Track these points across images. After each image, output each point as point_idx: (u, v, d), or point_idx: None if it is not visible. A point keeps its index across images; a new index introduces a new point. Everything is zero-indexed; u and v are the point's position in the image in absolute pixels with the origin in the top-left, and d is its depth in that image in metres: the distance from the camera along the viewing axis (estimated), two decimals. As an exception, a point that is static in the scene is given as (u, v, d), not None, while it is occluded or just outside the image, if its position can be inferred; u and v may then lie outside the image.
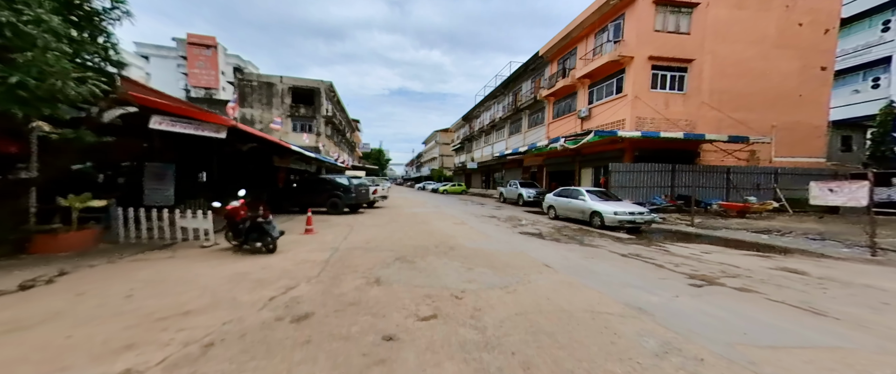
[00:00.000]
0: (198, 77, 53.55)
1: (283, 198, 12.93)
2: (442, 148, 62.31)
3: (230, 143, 11.42)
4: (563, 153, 18.92)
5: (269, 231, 5.52)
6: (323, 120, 32.09)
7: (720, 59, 14.21)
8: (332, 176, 13.05)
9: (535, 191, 18.12)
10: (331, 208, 12.49)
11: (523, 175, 26.22)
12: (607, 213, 8.77)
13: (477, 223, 10.34)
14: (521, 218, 12.11)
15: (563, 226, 9.88)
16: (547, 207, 11.87)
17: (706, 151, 14.54)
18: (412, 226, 9.55)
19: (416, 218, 11.61)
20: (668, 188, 13.29)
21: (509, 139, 29.13)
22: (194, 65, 52.46)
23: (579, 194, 10.15)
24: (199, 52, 53.82)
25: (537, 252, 6.03)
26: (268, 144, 10.77)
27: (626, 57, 14.06)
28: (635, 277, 4.52)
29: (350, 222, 10.44)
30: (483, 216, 12.53)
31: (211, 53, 54.38)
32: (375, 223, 10.09)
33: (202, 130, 6.39)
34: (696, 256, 5.88)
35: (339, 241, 7.03)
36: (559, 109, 20.78)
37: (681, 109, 14.21)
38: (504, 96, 30.77)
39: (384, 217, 11.83)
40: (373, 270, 4.71)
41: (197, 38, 54.04)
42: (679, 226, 9.56)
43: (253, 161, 15.38)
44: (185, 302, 3.33)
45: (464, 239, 7.38)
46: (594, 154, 16.43)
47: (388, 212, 13.86)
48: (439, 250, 6.20)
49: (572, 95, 19.11)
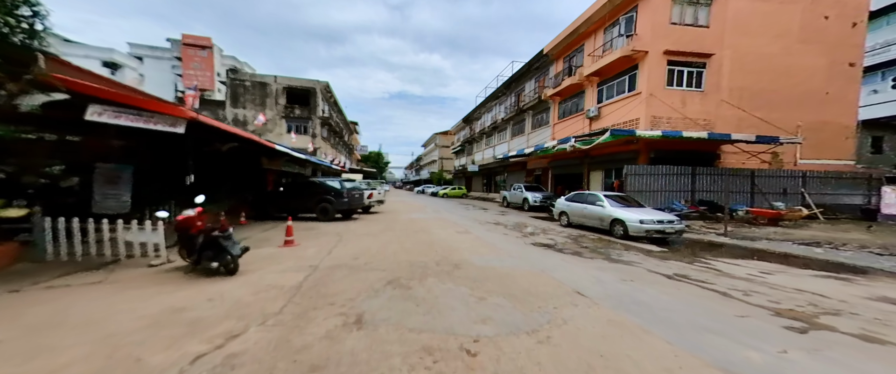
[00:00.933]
0: (193, 78, 52.46)
1: (268, 203, 11.80)
2: (441, 151, 61.35)
3: (207, 142, 10.33)
4: (570, 155, 17.89)
5: (228, 248, 4.40)
6: (319, 121, 31.05)
7: (741, 55, 13.26)
8: (322, 179, 11.96)
9: (542, 195, 17.05)
10: (320, 213, 11.37)
11: (527, 178, 25.17)
12: (632, 221, 7.68)
13: (482, 232, 9.24)
14: (529, 225, 11.02)
15: (580, 235, 8.78)
16: (558, 213, 10.78)
17: (726, 153, 13.52)
18: (410, 235, 8.44)
19: (414, 225, 10.50)
20: (688, 193, 12.24)
21: (512, 141, 28.14)
22: (189, 66, 51.50)
23: (597, 200, 9.07)
24: (194, 53, 52.93)
25: (561, 272, 4.92)
26: (249, 143, 9.67)
27: (639, 52, 13.09)
28: (703, 313, 3.42)
29: (340, 229, 9.33)
30: (488, 223, 11.43)
31: (206, 54, 53.47)
32: (368, 232, 8.97)
33: (154, 123, 5.29)
34: (759, 278, 4.79)
35: (322, 256, 5.91)
36: (565, 109, 19.79)
37: (698, 108, 13.21)
38: (506, 97, 29.83)
39: (379, 224, 10.71)
40: (355, 301, 3.59)
41: (192, 39, 53.18)
42: (709, 236, 8.47)
43: (238, 163, 14.27)
44: (58, 369, 2.21)
45: (469, 252, 6.27)
46: (605, 156, 15.39)
47: (383, 218, 12.74)
48: (441, 268, 5.09)
49: (579, 95, 18.12)
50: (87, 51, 50.55)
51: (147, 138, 9.75)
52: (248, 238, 7.68)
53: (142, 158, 9.22)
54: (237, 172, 14.30)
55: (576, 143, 12.93)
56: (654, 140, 12.14)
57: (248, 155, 14.36)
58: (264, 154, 15.41)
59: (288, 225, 7.04)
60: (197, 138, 10.39)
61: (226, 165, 13.04)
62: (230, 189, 12.75)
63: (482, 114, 36.97)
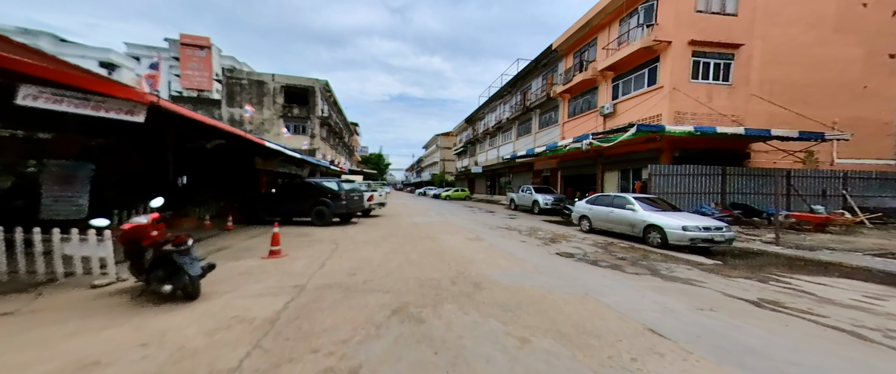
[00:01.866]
0: (190, 79, 51.71)
1: (259, 206, 10.79)
2: (443, 152, 60.41)
3: (190, 138, 9.34)
4: (581, 155, 16.87)
5: (184, 267, 3.38)
6: (318, 121, 30.13)
7: (772, 45, 12.27)
8: (318, 180, 10.96)
9: (553, 197, 16.01)
10: (316, 218, 10.35)
11: (534, 179, 24.15)
12: (672, 228, 6.64)
13: (496, 238, 8.21)
14: (544, 230, 9.98)
15: (607, 243, 7.74)
16: (578, 217, 9.74)
17: (757, 152, 12.50)
18: (415, 243, 7.41)
19: (419, 231, 9.47)
20: (718, 195, 11.21)
21: (517, 141, 27.15)
22: (187, 66, 50.68)
23: (626, 203, 8.04)
24: (192, 53, 52.12)
25: (612, 295, 3.89)
26: (236, 139, 8.68)
27: (661, 42, 12.11)
28: (853, 370, 2.38)
29: (337, 236, 8.30)
30: (499, 228, 10.39)
31: (205, 54, 52.66)
32: (368, 239, 7.94)
33: (105, 109, 4.30)
34: (872, 305, 3.74)
35: (313, 270, 4.89)
36: (576, 107, 18.80)
37: (726, 103, 12.20)
38: (511, 96, 28.88)
39: (380, 229, 9.69)
40: (349, 345, 2.57)
41: (190, 39, 52.38)
42: (754, 243, 7.44)
43: (229, 163, 13.28)
44: None
45: (488, 266, 5.24)
46: (621, 156, 14.37)
47: (385, 222, 11.72)
48: (459, 288, 4.07)
49: (592, 91, 17.14)
50: (84, 51, 49.85)
51: (124, 135, 8.78)
52: (227, 248, 6.67)
53: (113, 157, 8.23)
54: (228, 173, 13.31)
55: (594, 140, 11.91)
56: (678, 138, 11.14)
57: (240, 155, 13.38)
58: (258, 153, 14.46)
59: (274, 232, 6.02)
60: (179, 134, 9.42)
61: (214, 165, 12.05)
62: (217, 191, 11.74)
63: (486, 114, 36.03)
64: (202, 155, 11.00)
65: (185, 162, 10.25)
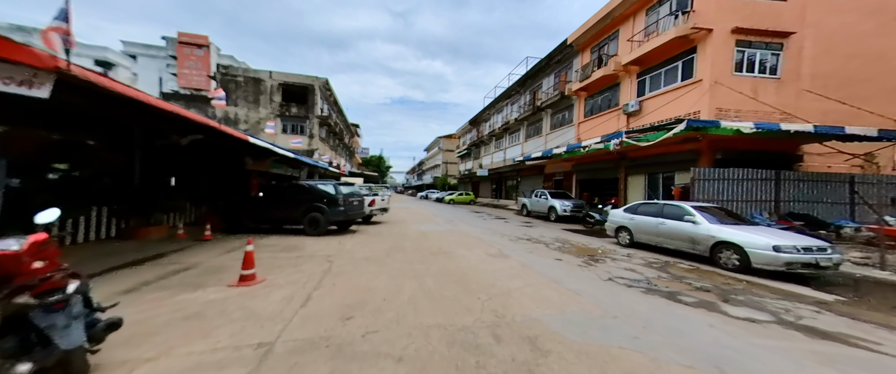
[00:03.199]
0: (188, 78, 50.51)
1: (243, 212, 9.37)
2: (446, 155, 59.11)
3: (162, 134, 7.96)
4: (601, 157, 15.48)
5: (52, 333, 1.95)
6: (317, 121, 28.82)
7: (826, 35, 10.93)
8: (313, 182, 9.55)
9: (572, 203, 14.58)
10: (309, 226, 8.94)
11: (545, 183, 22.74)
12: (757, 248, 5.21)
13: (523, 254, 6.78)
14: (573, 243, 8.55)
15: (662, 262, 6.31)
16: (615, 228, 8.32)
17: (810, 154, 11.09)
18: (427, 260, 5.99)
19: (428, 243, 8.05)
20: (771, 203, 9.78)
21: (526, 143, 25.80)
22: (184, 65, 49.49)
23: (683, 213, 6.61)
24: (190, 52, 50.97)
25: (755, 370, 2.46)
26: (215, 133, 7.29)
27: (700, 30, 10.77)
28: None
29: (332, 249, 6.88)
30: (520, 240, 8.97)
31: (203, 53, 51.46)
32: (370, 254, 6.51)
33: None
34: None
35: (291, 311, 3.47)
36: (593, 106, 17.44)
37: (773, 99, 10.82)
38: (520, 95, 27.58)
39: (383, 241, 8.26)
40: None
41: (188, 37, 51.28)
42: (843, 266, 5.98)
43: (215, 163, 11.90)
44: None
45: (535, 302, 3.83)
46: (650, 158, 12.96)
47: (388, 231, 10.30)
48: (508, 350, 2.66)
49: (613, 88, 15.79)
50: (80, 49, 48.75)
51: (86, 130, 7.40)
52: (191, 268, 5.24)
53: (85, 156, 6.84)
54: (214, 175, 11.91)
55: (628, 139, 10.51)
56: (721, 138, 9.75)
57: (228, 154, 12.01)
58: (249, 153, 13.09)
59: (246, 250, 4.59)
60: (147, 129, 8.03)
61: (197, 166, 10.65)
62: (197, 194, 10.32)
63: (491, 115, 34.73)
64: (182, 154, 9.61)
65: (163, 162, 8.86)
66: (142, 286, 4.26)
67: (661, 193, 12.83)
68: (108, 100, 4.61)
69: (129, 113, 5.97)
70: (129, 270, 5.17)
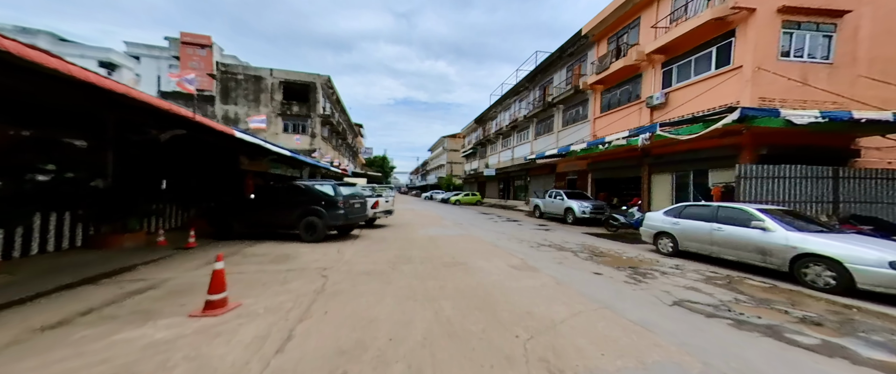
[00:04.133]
0: (191, 78, 50.10)
1: (233, 216, 8.45)
2: (450, 155, 58.11)
3: (136, 128, 7.05)
4: (622, 155, 14.35)
5: None
6: (319, 120, 28.01)
7: (885, 13, 9.72)
8: (310, 182, 8.59)
9: (591, 204, 13.46)
10: (306, 231, 7.99)
11: (557, 183, 21.61)
12: (867, 264, 4.06)
13: (552, 266, 5.73)
14: (605, 250, 7.48)
15: (724, 277, 5.22)
16: (654, 234, 7.22)
17: (868, 149, 9.86)
18: (442, 275, 4.98)
19: (439, 251, 7.03)
20: (829, 205, 8.59)
21: (536, 141, 24.69)
22: (187, 65, 49.24)
23: (749, 219, 5.50)
24: (192, 52, 50.76)
25: None
26: (197, 127, 6.36)
27: (742, 10, 9.63)
28: None
29: (329, 260, 5.90)
30: (542, 246, 7.91)
31: (206, 53, 51.13)
32: (372, 267, 5.51)
33: None
34: None
35: (264, 359, 2.47)
36: (611, 100, 16.31)
37: (825, 86, 9.63)
38: (529, 92, 26.48)
39: (388, 248, 7.26)
40: None
41: (191, 37, 51.15)
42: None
43: (207, 162, 11.02)
44: None
45: (599, 346, 2.81)
46: (678, 155, 11.82)
47: (393, 235, 9.31)
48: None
49: (634, 80, 14.64)
50: (83, 50, 48.86)
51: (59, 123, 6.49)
52: (155, 287, 4.28)
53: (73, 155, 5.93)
54: (206, 175, 11.03)
55: (664, 132, 9.40)
56: (767, 131, 8.56)
57: (219, 152, 11.13)
58: (244, 151, 12.20)
59: (215, 268, 3.61)
60: (121, 122, 7.09)
61: (180, 164, 9.74)
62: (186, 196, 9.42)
63: (498, 113, 33.65)
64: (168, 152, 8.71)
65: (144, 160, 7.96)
66: (77, 317, 3.31)
67: (691, 193, 11.67)
68: (65, 86, 3.69)
69: (95, 103, 5.06)
70: (82, 289, 4.24)
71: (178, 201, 9.25)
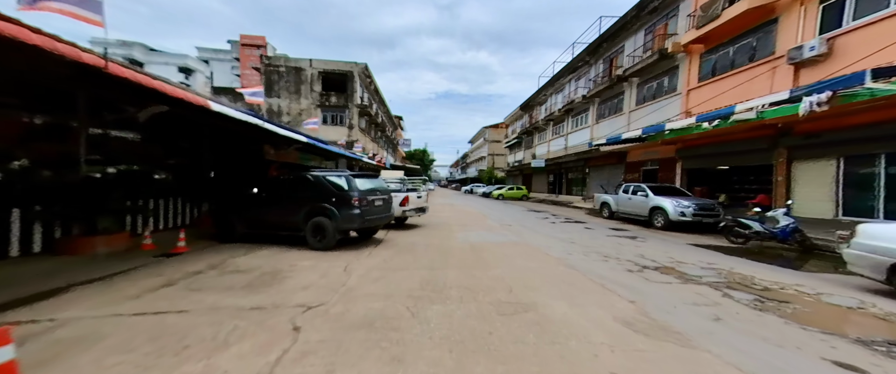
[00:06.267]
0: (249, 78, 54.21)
1: (235, 214, 7.02)
2: (491, 146, 54.83)
3: (111, 105, 5.77)
4: (740, 135, 10.36)
5: None
6: (356, 110, 27.19)
7: None
8: (321, 172, 6.78)
9: (695, 204, 9.80)
10: (313, 235, 6.23)
11: (628, 175, 17.66)
12: None
13: (707, 326, 3.02)
14: (766, 283, 4.41)
15: None
16: (890, 266, 3.92)
17: None
18: (499, 339, 2.61)
19: (487, 271, 4.66)
20: None
21: (597, 125, 20.73)
22: (246, 65, 53.11)
23: None
24: (250, 53, 54.53)
25: None
26: (182, 104, 4.79)
27: None
28: None
29: (323, 287, 3.90)
30: (647, 269, 5.07)
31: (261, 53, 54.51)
32: (380, 308, 3.35)
33: None
34: None
35: None
36: (718, 62, 12.11)
37: None
38: (588, 67, 22.35)
39: (414, 267, 5.09)
40: None
41: (248, 39, 54.99)
42: None
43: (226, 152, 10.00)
44: None
45: None
46: (845, 131, 7.74)
47: (424, 241, 7.17)
48: None
49: (762, 28, 10.42)
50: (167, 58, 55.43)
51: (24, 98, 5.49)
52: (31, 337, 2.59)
53: None
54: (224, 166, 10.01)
55: (884, 84, 5.72)
56: None
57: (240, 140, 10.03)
58: (268, 140, 11.07)
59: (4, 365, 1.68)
60: (94, 98, 5.85)
61: (183, 152, 8.62)
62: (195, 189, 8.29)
63: (548, 96, 29.68)
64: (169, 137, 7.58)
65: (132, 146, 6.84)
66: None
67: (881, 188, 7.54)
68: None
69: (51, 71, 3.62)
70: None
71: (190, 194, 8.19)
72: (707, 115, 9.43)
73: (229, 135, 9.11)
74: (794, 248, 7.25)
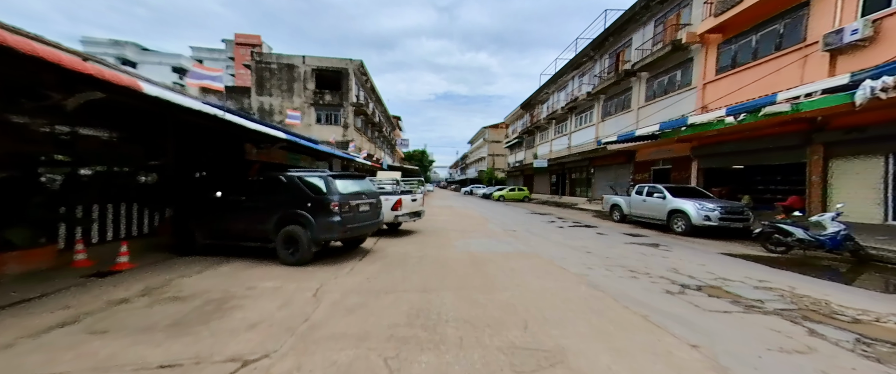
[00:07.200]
0: (244, 78, 53.28)
1: (196, 222, 6.00)
2: (491, 147, 53.92)
3: (32, 91, 4.76)
4: (767, 131, 9.41)
5: None
6: (352, 109, 26.18)
7: None
8: (295, 173, 5.77)
9: (720, 207, 8.80)
10: (285, 247, 5.22)
11: (637, 175, 16.69)
12: None
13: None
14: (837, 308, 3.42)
15: None
16: None
17: None
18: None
19: (492, 294, 3.66)
20: None
21: (603, 123, 19.78)
22: (241, 65, 52.22)
23: None
24: (245, 52, 53.64)
25: None
26: (117, 90, 3.78)
27: None
28: None
29: (278, 323, 2.87)
30: (688, 290, 4.08)
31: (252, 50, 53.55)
32: (347, 362, 2.34)
33: None
34: None
35: None
36: (738, 53, 11.16)
37: None
38: (593, 62, 21.42)
39: (401, 290, 4.08)
40: None
41: (243, 38, 54.02)
42: None
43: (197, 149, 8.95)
44: None
45: None
46: None
47: (418, 252, 6.15)
48: None
49: (790, 13, 9.49)
50: (161, 58, 54.48)
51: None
52: None
53: None
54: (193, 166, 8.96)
55: None
56: None
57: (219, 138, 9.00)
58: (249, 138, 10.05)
59: None
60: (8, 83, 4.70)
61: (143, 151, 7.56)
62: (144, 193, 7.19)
63: (550, 94, 28.76)
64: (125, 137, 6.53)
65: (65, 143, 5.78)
66: None
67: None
68: None
69: None
70: None
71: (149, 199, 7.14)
72: (737, 107, 8.44)
73: (202, 131, 8.09)
74: (846, 258, 6.27)
